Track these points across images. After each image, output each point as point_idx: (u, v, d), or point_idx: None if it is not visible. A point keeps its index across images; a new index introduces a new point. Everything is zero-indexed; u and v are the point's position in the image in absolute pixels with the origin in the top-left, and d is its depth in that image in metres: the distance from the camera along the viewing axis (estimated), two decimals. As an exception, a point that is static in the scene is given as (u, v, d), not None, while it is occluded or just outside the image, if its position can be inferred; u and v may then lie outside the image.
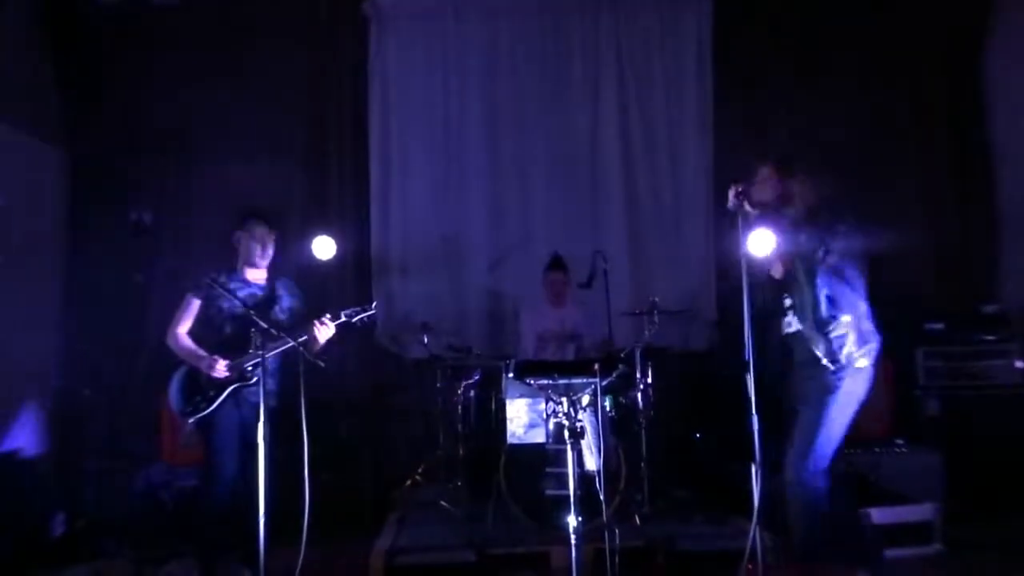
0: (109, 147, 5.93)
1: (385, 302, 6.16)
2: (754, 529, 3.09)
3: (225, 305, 3.96)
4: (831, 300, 3.36)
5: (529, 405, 4.61)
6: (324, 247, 5.65)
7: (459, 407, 5.18)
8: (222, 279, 3.99)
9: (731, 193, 3.45)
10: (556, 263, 5.55)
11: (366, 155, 6.24)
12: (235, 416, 3.86)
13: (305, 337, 3.83)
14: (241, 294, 3.96)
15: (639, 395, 4.89)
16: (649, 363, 5.02)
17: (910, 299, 5.88)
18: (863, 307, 3.42)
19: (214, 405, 3.82)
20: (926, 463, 5.02)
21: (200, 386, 3.86)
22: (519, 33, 6.35)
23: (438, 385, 5.45)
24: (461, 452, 5.17)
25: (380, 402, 6.08)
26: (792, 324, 3.51)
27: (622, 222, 6.29)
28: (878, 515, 4.26)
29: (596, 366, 3.62)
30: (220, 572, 3.85)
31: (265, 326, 3.57)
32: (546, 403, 3.59)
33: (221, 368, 3.82)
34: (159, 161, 6.00)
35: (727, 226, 5.94)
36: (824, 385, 3.36)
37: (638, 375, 4.88)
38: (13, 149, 5.32)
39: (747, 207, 3.41)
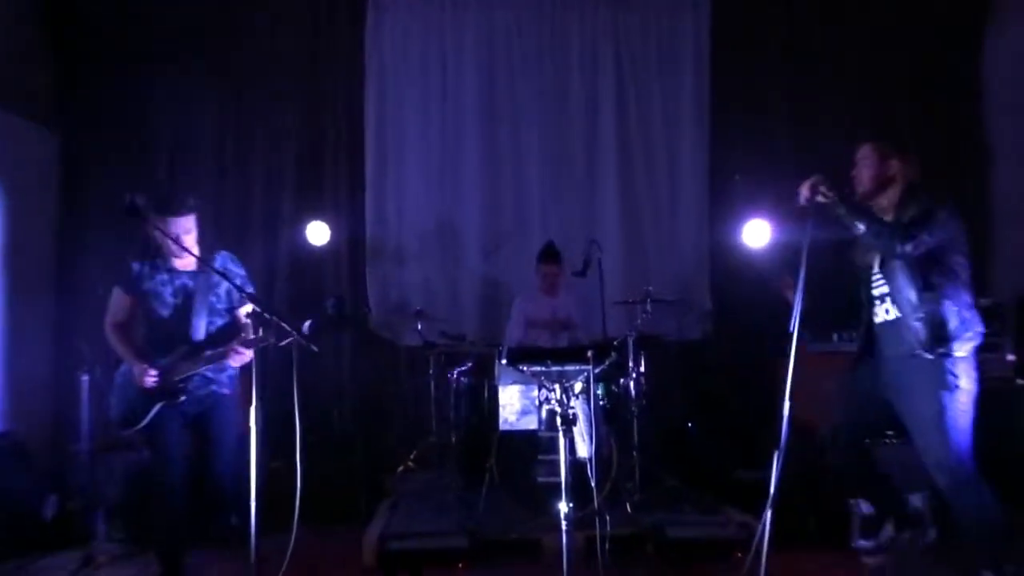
0: (101, 129, 5.90)
1: (379, 289, 6.16)
2: (766, 516, 3.08)
3: (156, 302, 3.69)
4: (930, 286, 3.27)
5: (522, 392, 4.62)
6: (318, 233, 5.69)
7: (452, 394, 5.18)
8: (145, 271, 3.70)
9: (804, 188, 3.32)
10: (550, 255, 5.54)
11: (361, 141, 6.21)
12: (177, 418, 3.65)
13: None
14: (168, 288, 3.71)
15: (632, 383, 4.90)
16: (642, 352, 5.03)
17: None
18: (965, 296, 3.34)
19: (146, 420, 3.61)
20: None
21: (135, 395, 3.62)
22: (516, 20, 6.33)
23: (431, 372, 5.46)
24: (454, 438, 5.18)
25: (374, 388, 6.08)
26: (886, 313, 3.42)
27: (617, 211, 6.30)
28: (867, 505, 4.28)
29: (589, 354, 3.63)
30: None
31: (260, 310, 3.44)
32: (539, 390, 3.60)
33: (148, 380, 3.58)
34: (152, 143, 5.96)
35: (722, 216, 6.00)
36: (936, 378, 3.28)
37: (631, 363, 4.89)
38: (4, 130, 5.29)
39: (823, 198, 3.27)
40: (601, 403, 4.76)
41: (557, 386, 3.45)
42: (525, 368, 3.64)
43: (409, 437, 5.80)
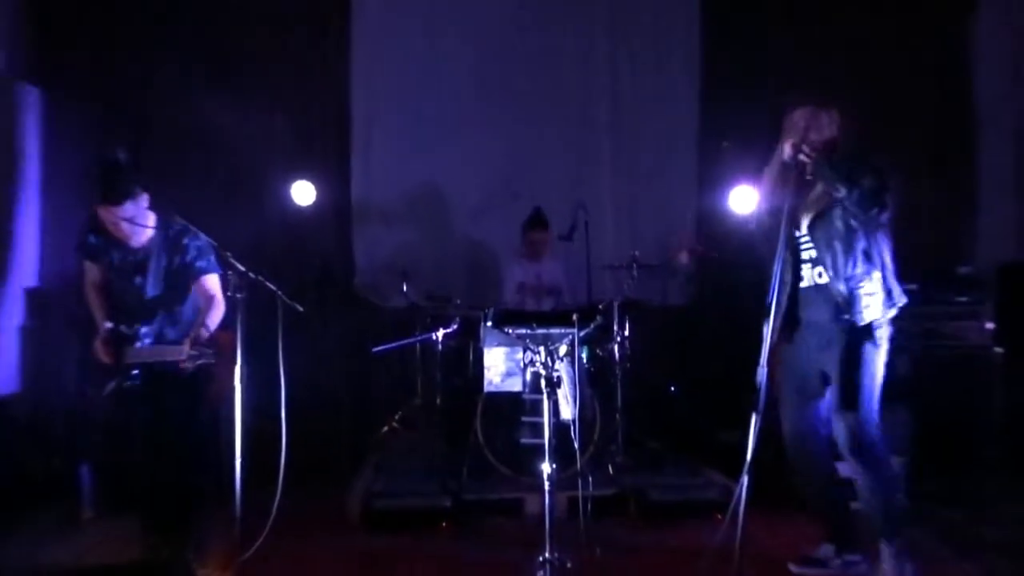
0: (86, 85, 5.79)
1: (365, 250, 6.14)
2: (743, 480, 3.11)
3: (113, 275, 3.67)
4: (866, 255, 3.28)
5: (507, 354, 4.62)
6: (304, 193, 5.64)
7: (437, 355, 5.19)
8: (100, 243, 3.65)
9: (787, 145, 3.25)
10: (536, 222, 5.52)
11: (348, 101, 6.14)
12: (133, 389, 3.61)
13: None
14: (121, 259, 3.65)
15: (616, 347, 4.93)
16: (627, 316, 5.05)
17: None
18: (892, 265, 3.36)
19: (106, 391, 3.57)
20: (894, 420, 5.12)
21: (93, 369, 3.61)
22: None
23: (416, 333, 5.46)
24: (438, 400, 5.20)
25: (359, 350, 6.09)
26: (819, 277, 3.37)
27: (605, 175, 6.28)
28: (844, 469, 4.35)
29: (574, 317, 3.64)
30: (161, 533, 3.70)
31: (242, 268, 3.40)
32: (524, 352, 3.61)
33: (105, 357, 3.58)
34: (136, 101, 5.87)
35: (711, 182, 5.99)
36: (860, 343, 3.27)
37: (616, 327, 4.91)
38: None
39: (804, 156, 3.19)
40: (586, 366, 4.79)
41: (542, 349, 3.47)
42: (510, 331, 3.64)
43: (394, 398, 5.82)
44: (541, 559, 3.32)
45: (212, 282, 3.67)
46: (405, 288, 5.38)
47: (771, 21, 6.33)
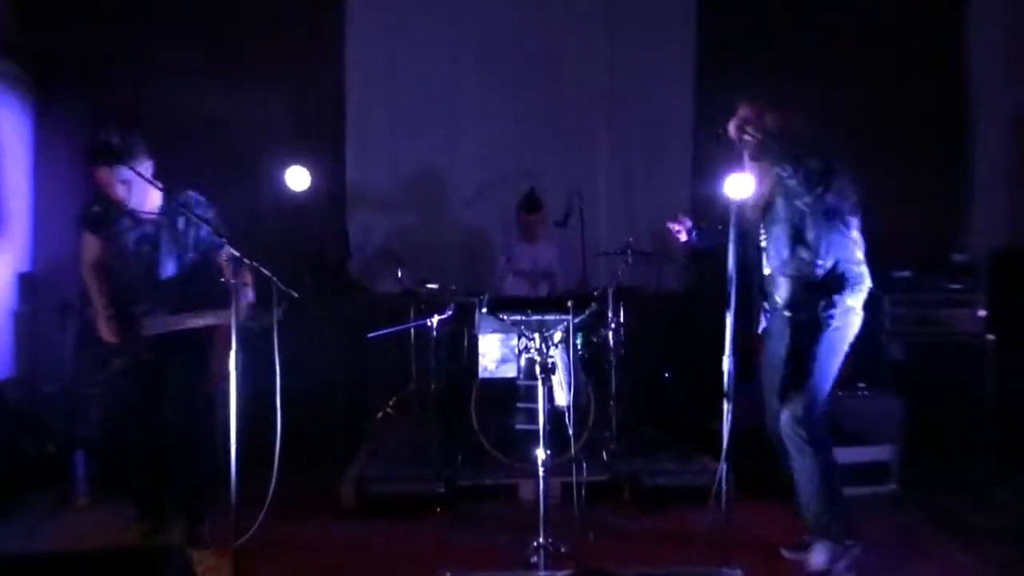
0: (77, 66, 5.75)
1: (360, 235, 6.12)
2: (723, 466, 3.14)
3: (118, 247, 3.59)
4: (807, 243, 3.32)
5: (502, 340, 4.63)
6: (298, 178, 5.61)
7: (432, 341, 5.19)
8: (104, 213, 3.58)
9: (731, 126, 3.31)
10: (531, 203, 5.51)
11: (343, 86, 6.10)
12: (132, 371, 3.59)
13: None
14: (132, 234, 3.61)
15: (611, 334, 4.93)
16: (622, 302, 5.05)
17: (878, 247, 5.95)
18: (856, 252, 3.41)
19: (103, 375, 3.58)
20: (887, 406, 5.15)
21: (94, 349, 3.56)
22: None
23: (412, 319, 5.45)
24: (433, 386, 5.20)
25: (354, 335, 6.08)
26: (767, 266, 3.47)
27: (601, 161, 6.27)
28: (836, 455, 4.38)
29: (569, 303, 3.64)
30: (157, 518, 3.74)
31: (237, 254, 3.37)
32: (519, 339, 3.62)
33: (110, 336, 3.53)
34: (129, 86, 5.83)
35: (706, 169, 5.98)
36: (805, 327, 3.35)
37: (610, 314, 4.92)
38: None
39: (749, 136, 3.25)
40: (580, 353, 4.80)
41: (537, 335, 3.48)
42: (505, 317, 3.64)
43: (389, 384, 5.81)
44: (535, 544, 3.34)
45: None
46: (400, 274, 5.36)
47: (767, 11, 6.31)
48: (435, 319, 5.00)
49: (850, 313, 3.37)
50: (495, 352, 4.59)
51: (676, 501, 4.25)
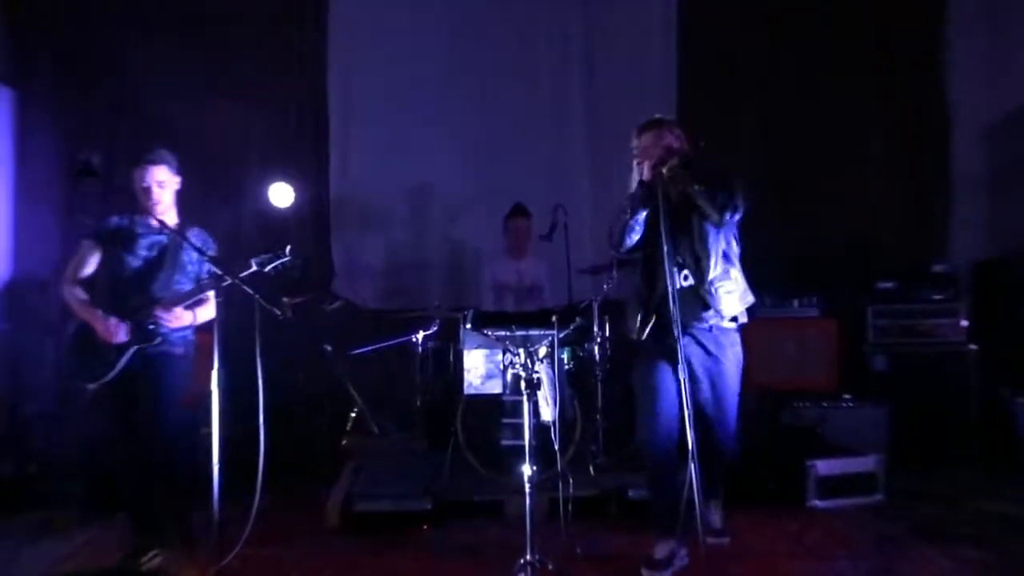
0: (58, 86, 5.73)
1: (344, 251, 6.11)
2: (693, 477, 3.11)
3: (127, 255, 3.65)
4: (726, 256, 3.43)
5: (487, 356, 4.63)
6: (282, 194, 5.59)
7: (417, 357, 5.18)
8: (123, 224, 3.70)
9: (646, 169, 3.37)
10: (517, 210, 5.53)
11: (326, 101, 6.10)
12: (139, 374, 3.59)
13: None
14: (143, 240, 3.68)
15: (597, 348, 4.93)
16: (607, 316, 5.06)
17: (862, 258, 6.02)
18: (740, 266, 3.51)
19: (115, 370, 3.54)
20: (872, 417, 5.20)
21: (96, 348, 3.54)
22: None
23: (397, 335, 5.43)
24: (419, 402, 5.19)
25: (339, 351, 6.05)
26: (684, 280, 3.41)
27: (585, 175, 6.29)
28: (823, 466, 4.39)
29: (554, 318, 3.64)
30: (151, 533, 3.68)
31: (218, 271, 3.40)
32: (503, 354, 3.61)
33: (119, 334, 3.53)
34: (111, 102, 5.81)
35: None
36: (732, 342, 3.45)
37: (596, 328, 4.92)
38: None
39: (667, 172, 3.30)
40: (566, 367, 4.79)
41: (522, 350, 3.47)
42: (490, 333, 3.64)
43: (374, 400, 5.78)
44: (522, 561, 3.32)
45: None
46: (385, 290, 5.35)
47: (748, 21, 6.36)
48: (420, 335, 4.99)
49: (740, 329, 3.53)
50: (480, 368, 4.59)
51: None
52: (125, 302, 3.60)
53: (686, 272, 3.43)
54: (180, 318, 3.61)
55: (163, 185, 3.67)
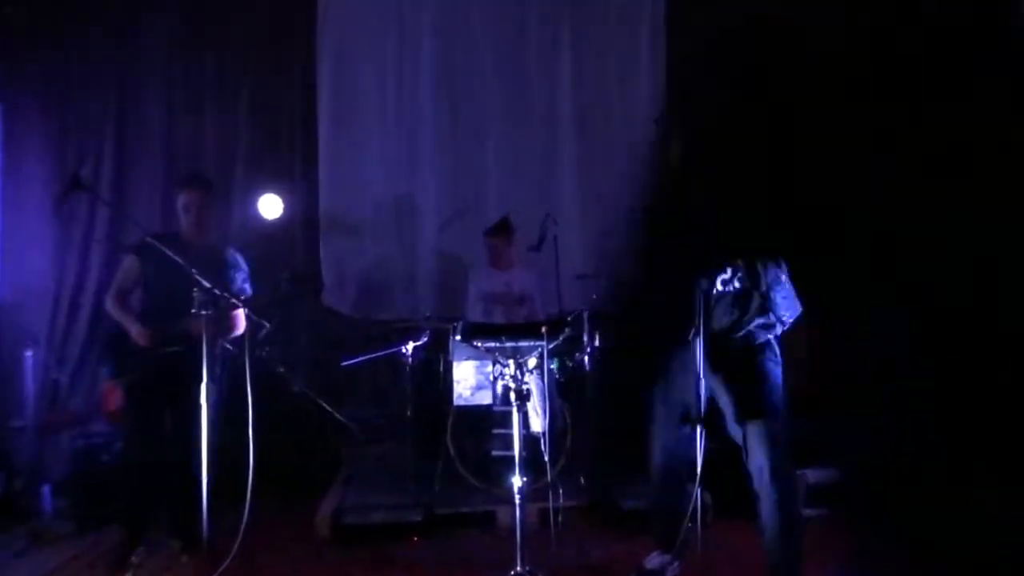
0: (46, 97, 5.70)
1: (333, 262, 6.10)
2: (697, 489, 3.15)
3: (165, 268, 3.67)
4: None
5: (476, 367, 4.64)
6: (271, 206, 5.60)
7: (407, 368, 5.17)
8: (163, 241, 3.76)
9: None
10: (496, 228, 5.48)
11: (315, 112, 6.11)
12: (163, 380, 3.72)
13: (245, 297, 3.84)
14: (181, 256, 3.66)
15: (587, 358, 4.94)
16: (597, 326, 5.07)
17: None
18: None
19: (141, 370, 3.73)
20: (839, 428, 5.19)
21: (127, 350, 3.76)
22: (474, -6, 6.27)
23: (387, 346, 5.43)
24: (409, 413, 5.18)
25: (328, 363, 6.04)
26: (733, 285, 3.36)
27: (575, 185, 6.30)
28: (812, 475, 4.41)
29: (543, 329, 3.65)
30: (146, 541, 3.77)
31: (208, 285, 3.44)
32: (493, 366, 3.61)
33: (144, 339, 3.73)
34: (98, 115, 5.79)
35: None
36: (771, 357, 3.32)
37: (586, 338, 4.93)
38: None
39: None
40: (556, 377, 4.80)
41: (511, 361, 3.47)
42: (479, 344, 3.64)
43: (364, 412, 5.77)
44: (513, 572, 3.32)
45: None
46: (375, 301, 5.35)
47: (736, 26, 6.38)
48: (410, 346, 4.99)
49: None
50: (470, 379, 4.59)
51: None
52: (161, 314, 3.77)
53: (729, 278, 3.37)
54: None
55: (202, 206, 3.96)
